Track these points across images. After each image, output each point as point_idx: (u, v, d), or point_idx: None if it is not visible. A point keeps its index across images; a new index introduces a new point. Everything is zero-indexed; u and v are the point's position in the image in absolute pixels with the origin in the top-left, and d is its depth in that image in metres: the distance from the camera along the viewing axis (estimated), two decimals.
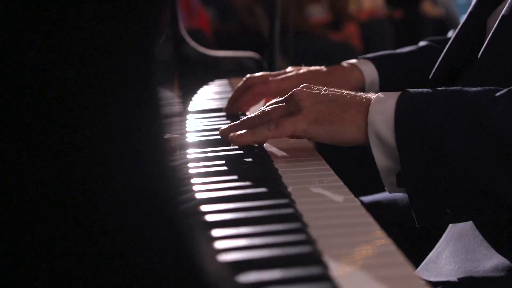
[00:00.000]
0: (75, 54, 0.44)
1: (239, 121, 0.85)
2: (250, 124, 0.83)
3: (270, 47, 1.98)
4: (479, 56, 0.84)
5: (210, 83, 1.42)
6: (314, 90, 0.82)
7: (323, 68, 1.07)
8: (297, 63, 1.13)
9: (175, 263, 0.45)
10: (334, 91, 0.81)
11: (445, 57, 0.95)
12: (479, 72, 0.84)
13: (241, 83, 1.08)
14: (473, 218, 0.76)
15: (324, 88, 0.82)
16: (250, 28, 3.97)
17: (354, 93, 0.80)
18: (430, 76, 0.96)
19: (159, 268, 0.45)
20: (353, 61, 1.09)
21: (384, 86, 1.06)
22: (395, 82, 1.07)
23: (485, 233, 0.82)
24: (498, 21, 0.82)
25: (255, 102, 1.07)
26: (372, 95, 0.78)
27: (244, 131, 0.83)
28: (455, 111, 0.70)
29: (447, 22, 4.71)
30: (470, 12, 0.93)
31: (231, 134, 0.83)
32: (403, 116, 0.72)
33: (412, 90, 0.75)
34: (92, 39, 0.45)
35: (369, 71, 1.06)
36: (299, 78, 1.03)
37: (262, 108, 0.85)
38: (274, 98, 1.06)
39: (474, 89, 0.73)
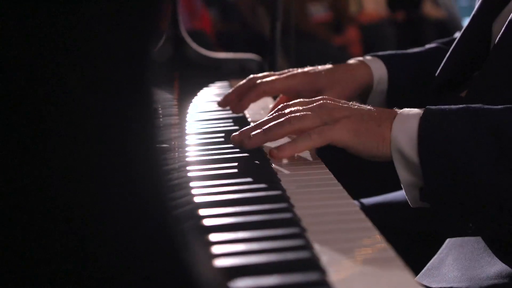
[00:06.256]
0: (69, 55, 0.44)
1: (262, 130, 0.81)
2: (278, 132, 0.80)
3: (271, 49, 1.97)
4: (486, 60, 0.83)
5: (211, 85, 1.42)
6: (342, 103, 0.81)
7: (328, 66, 1.05)
8: (298, 65, 1.12)
9: (169, 268, 0.44)
10: (362, 106, 0.81)
11: (448, 61, 0.94)
12: (487, 76, 0.83)
13: (243, 81, 1.05)
14: (496, 232, 0.78)
15: (350, 102, 0.82)
16: (252, 28, 3.96)
17: (378, 108, 0.80)
18: (435, 78, 0.95)
19: (152, 274, 0.44)
20: (361, 58, 1.07)
21: (392, 84, 1.05)
22: (404, 81, 1.06)
23: (489, 240, 0.82)
24: (506, 25, 0.82)
25: (257, 100, 1.04)
26: (396, 111, 0.78)
27: (283, 144, 0.80)
28: (477, 130, 0.72)
29: (449, 24, 4.70)
30: (474, 15, 0.92)
31: (273, 151, 0.79)
32: (426, 135, 0.73)
33: (434, 108, 0.76)
34: (88, 39, 0.44)
35: (378, 68, 1.05)
36: (305, 75, 1.02)
37: (288, 114, 0.81)
38: (278, 97, 1.05)
39: (495, 107, 0.74)
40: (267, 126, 0.81)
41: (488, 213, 0.72)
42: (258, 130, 0.81)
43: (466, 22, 0.94)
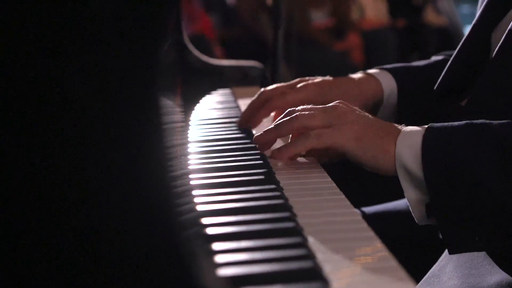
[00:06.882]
0: (76, 57, 0.44)
1: (273, 125, 0.85)
2: (287, 127, 0.83)
3: (273, 55, 1.97)
4: (486, 68, 0.84)
5: (213, 92, 1.42)
6: (355, 109, 0.83)
7: (339, 77, 1.04)
8: (299, 71, 1.12)
9: (172, 276, 0.45)
10: (371, 117, 0.82)
11: (449, 70, 0.94)
12: (487, 85, 0.84)
13: (255, 97, 1.04)
14: (502, 246, 0.78)
15: (363, 110, 0.83)
16: (254, 34, 3.97)
17: (386, 122, 0.82)
18: (435, 88, 0.95)
19: (155, 281, 0.44)
20: (372, 71, 1.06)
21: (402, 97, 1.04)
22: (413, 94, 1.05)
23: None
24: (505, 34, 0.82)
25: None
26: (401, 127, 0.79)
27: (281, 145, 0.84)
28: (480, 144, 0.73)
29: (450, 31, 4.71)
30: (474, 25, 0.92)
31: (274, 153, 0.83)
32: (430, 150, 0.74)
33: (437, 124, 0.77)
34: (94, 42, 0.44)
35: (388, 82, 1.04)
36: (317, 86, 1.01)
37: (299, 110, 0.84)
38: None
39: (496, 122, 0.75)
40: (278, 122, 0.84)
41: (494, 226, 0.73)
42: (270, 126, 0.86)
43: (467, 29, 0.94)
